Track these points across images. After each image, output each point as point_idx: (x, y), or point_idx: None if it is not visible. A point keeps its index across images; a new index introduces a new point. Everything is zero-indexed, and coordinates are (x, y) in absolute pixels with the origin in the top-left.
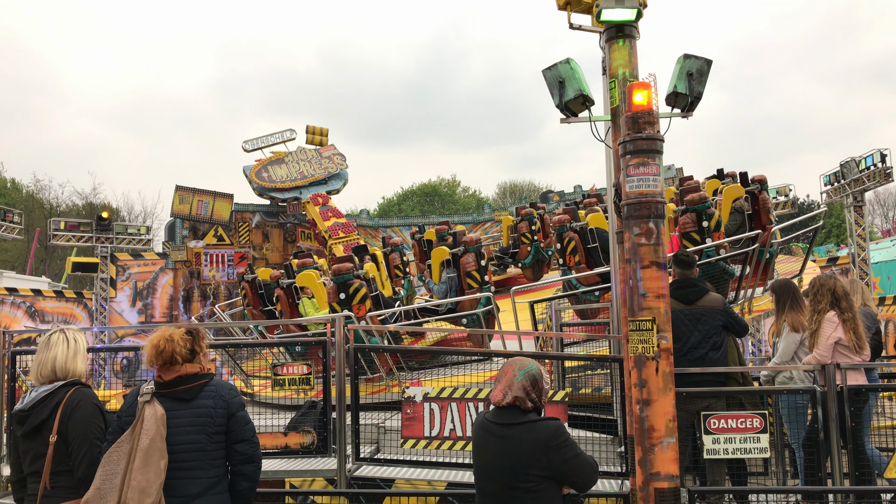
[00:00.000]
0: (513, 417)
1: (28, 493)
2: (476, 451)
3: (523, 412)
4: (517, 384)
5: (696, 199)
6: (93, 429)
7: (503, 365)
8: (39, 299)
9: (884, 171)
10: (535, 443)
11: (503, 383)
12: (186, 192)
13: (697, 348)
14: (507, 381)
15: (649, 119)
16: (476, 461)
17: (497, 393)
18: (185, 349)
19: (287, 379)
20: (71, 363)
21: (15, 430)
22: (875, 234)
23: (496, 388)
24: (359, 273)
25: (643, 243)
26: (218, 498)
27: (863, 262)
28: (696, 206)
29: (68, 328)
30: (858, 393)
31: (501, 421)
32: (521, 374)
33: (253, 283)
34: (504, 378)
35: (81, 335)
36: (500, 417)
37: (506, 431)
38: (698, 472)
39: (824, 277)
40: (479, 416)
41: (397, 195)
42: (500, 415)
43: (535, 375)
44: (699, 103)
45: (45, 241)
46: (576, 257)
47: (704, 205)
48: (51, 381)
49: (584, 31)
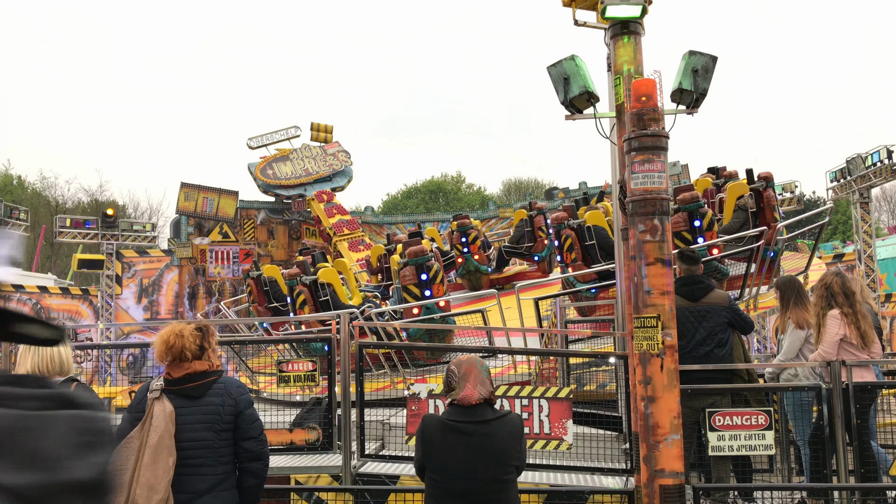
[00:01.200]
0: (485, 414)
1: None
2: (444, 453)
3: (490, 406)
4: (485, 380)
5: (687, 199)
6: None
7: (459, 365)
8: (45, 296)
9: (890, 167)
10: (512, 434)
11: (471, 381)
12: (191, 189)
13: (703, 345)
14: (474, 379)
15: (654, 116)
16: (448, 463)
17: (470, 392)
18: (194, 345)
19: (292, 375)
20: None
21: None
22: (881, 231)
23: (465, 387)
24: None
25: (648, 240)
26: (226, 494)
27: (869, 258)
28: (688, 206)
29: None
30: (864, 390)
31: (475, 419)
32: (485, 370)
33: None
34: (471, 376)
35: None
36: (471, 416)
37: (484, 428)
38: (703, 470)
39: (829, 274)
40: (432, 419)
41: (402, 192)
42: (469, 413)
43: (489, 368)
44: (704, 99)
45: (50, 239)
46: (572, 254)
47: (697, 204)
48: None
49: (589, 27)
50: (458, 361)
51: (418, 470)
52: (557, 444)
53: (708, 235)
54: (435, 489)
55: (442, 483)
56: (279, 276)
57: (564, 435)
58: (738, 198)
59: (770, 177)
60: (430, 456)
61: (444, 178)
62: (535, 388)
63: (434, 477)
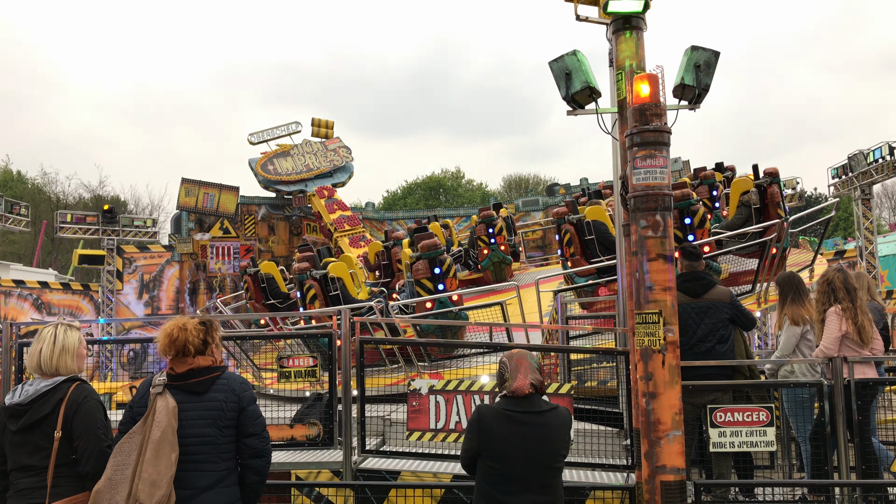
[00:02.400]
0: (540, 405)
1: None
2: (500, 441)
3: (540, 398)
4: (535, 370)
5: (678, 197)
6: (98, 424)
7: (509, 358)
8: (46, 291)
9: (892, 163)
10: (565, 426)
11: (522, 372)
12: (192, 184)
13: (704, 341)
14: (525, 370)
15: (656, 111)
16: (506, 451)
17: (522, 382)
18: (197, 339)
19: (293, 371)
20: (56, 360)
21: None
22: (882, 228)
23: (517, 378)
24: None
25: (650, 236)
26: (228, 491)
27: (870, 255)
28: (678, 204)
29: (62, 323)
30: (865, 387)
31: (530, 409)
32: (534, 361)
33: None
34: (521, 368)
35: (76, 333)
36: (526, 406)
37: (539, 419)
38: (704, 466)
39: (831, 270)
40: (489, 409)
41: (402, 188)
42: (523, 403)
43: (539, 360)
44: (706, 95)
45: (51, 234)
46: (571, 249)
47: (688, 202)
48: (38, 374)
49: (591, 22)
50: (510, 354)
51: (468, 458)
52: None
53: (699, 233)
54: (492, 476)
55: (500, 469)
56: (277, 273)
57: None
58: (741, 194)
59: (776, 172)
60: (487, 444)
61: (444, 174)
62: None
63: (491, 464)
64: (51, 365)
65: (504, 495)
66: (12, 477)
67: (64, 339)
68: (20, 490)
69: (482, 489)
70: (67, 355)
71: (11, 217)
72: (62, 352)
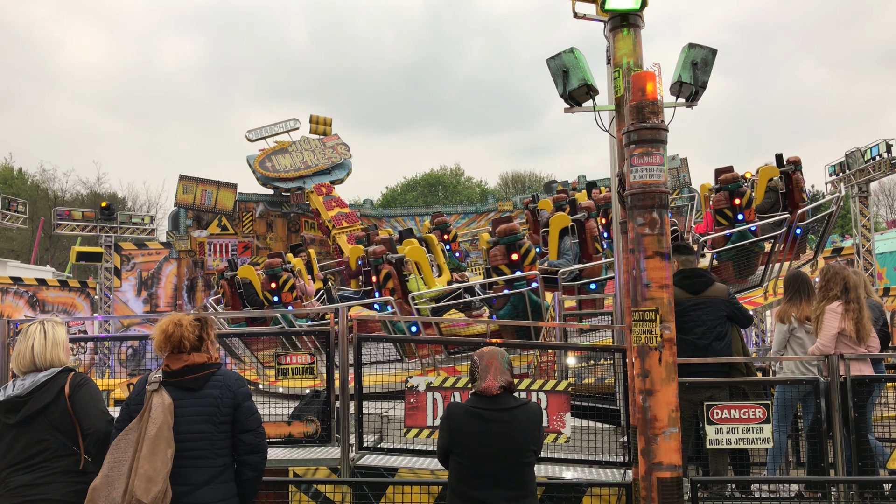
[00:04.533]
0: (508, 402)
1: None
2: (469, 438)
3: (511, 395)
4: (505, 370)
5: (728, 179)
6: (100, 404)
7: (480, 357)
8: (42, 289)
9: (889, 161)
10: (533, 421)
11: (492, 372)
12: (190, 181)
13: (702, 338)
14: (495, 370)
15: (654, 109)
16: (474, 448)
17: (491, 382)
18: (193, 335)
19: (290, 368)
20: (50, 353)
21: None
22: (880, 225)
23: (486, 378)
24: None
25: (647, 233)
26: (224, 486)
27: (867, 252)
28: (728, 185)
29: (47, 320)
30: (862, 384)
31: (498, 407)
32: (505, 361)
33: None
34: (491, 367)
35: (61, 327)
36: (495, 404)
37: (507, 415)
38: (701, 463)
39: (837, 266)
40: (459, 407)
41: (401, 185)
42: (492, 401)
43: (510, 359)
44: (703, 92)
45: (49, 231)
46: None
47: (736, 184)
48: (31, 370)
49: (589, 19)
50: (481, 353)
51: (442, 454)
52: (556, 436)
53: (746, 213)
54: (461, 471)
55: (468, 466)
56: (255, 279)
57: (563, 428)
58: (768, 180)
59: (798, 161)
60: (456, 441)
61: (442, 172)
62: (534, 380)
63: (460, 461)
64: (45, 359)
65: (474, 490)
66: (4, 476)
67: (54, 333)
68: (11, 489)
69: (454, 485)
70: (59, 349)
71: (9, 214)
72: (55, 345)
